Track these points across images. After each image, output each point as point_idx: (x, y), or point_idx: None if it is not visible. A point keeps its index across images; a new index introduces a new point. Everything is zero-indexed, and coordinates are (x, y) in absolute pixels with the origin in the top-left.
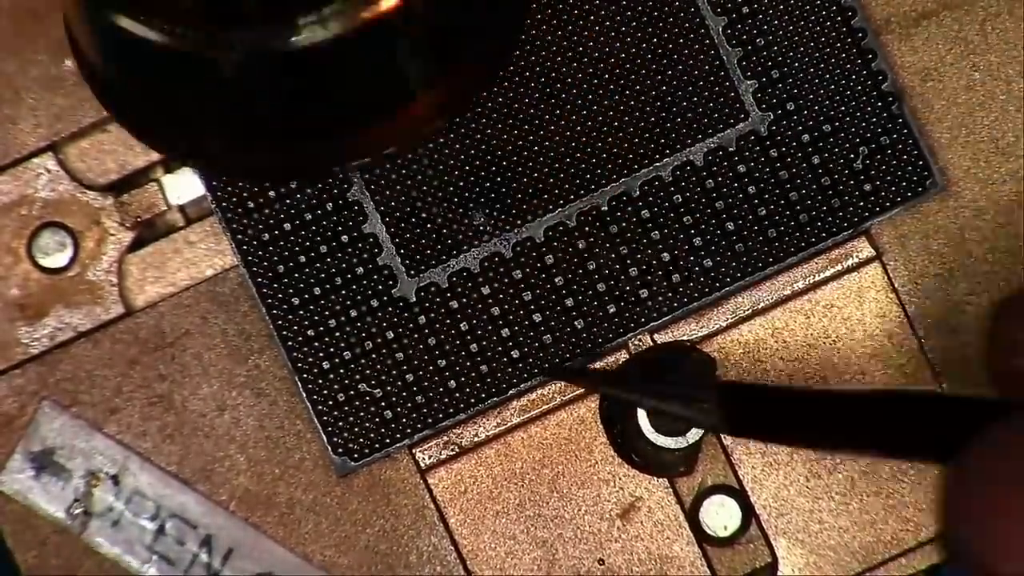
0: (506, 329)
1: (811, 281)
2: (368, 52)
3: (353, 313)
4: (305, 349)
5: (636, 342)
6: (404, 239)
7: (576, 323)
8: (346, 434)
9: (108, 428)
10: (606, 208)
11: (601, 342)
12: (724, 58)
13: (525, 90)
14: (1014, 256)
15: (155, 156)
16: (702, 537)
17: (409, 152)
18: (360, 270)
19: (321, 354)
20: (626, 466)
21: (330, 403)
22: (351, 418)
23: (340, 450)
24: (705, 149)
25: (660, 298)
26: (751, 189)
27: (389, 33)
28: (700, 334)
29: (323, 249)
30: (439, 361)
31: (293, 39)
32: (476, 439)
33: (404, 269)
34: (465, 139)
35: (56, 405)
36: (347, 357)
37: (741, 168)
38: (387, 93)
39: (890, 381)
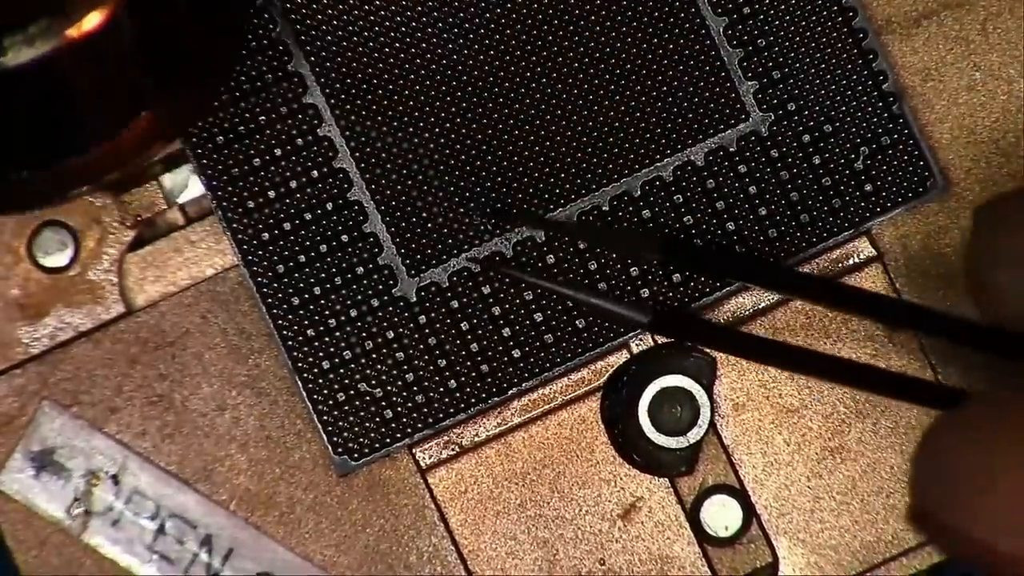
0: (507, 329)
1: None
2: (79, 71)
3: (353, 313)
4: (305, 349)
5: (637, 341)
6: (404, 239)
7: (577, 322)
8: (346, 434)
9: (108, 428)
10: (607, 208)
11: (602, 341)
12: (725, 59)
13: (526, 90)
14: None
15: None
16: (703, 537)
17: (131, 173)
18: (360, 270)
19: (321, 354)
20: (627, 466)
21: (330, 403)
22: (351, 418)
23: (340, 450)
24: (706, 149)
25: (661, 297)
26: (752, 189)
27: (99, 51)
28: None
29: (323, 249)
30: (439, 361)
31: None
32: (477, 439)
33: (404, 269)
34: (466, 139)
35: (56, 405)
36: (347, 357)
37: (742, 168)
38: (103, 114)
39: None
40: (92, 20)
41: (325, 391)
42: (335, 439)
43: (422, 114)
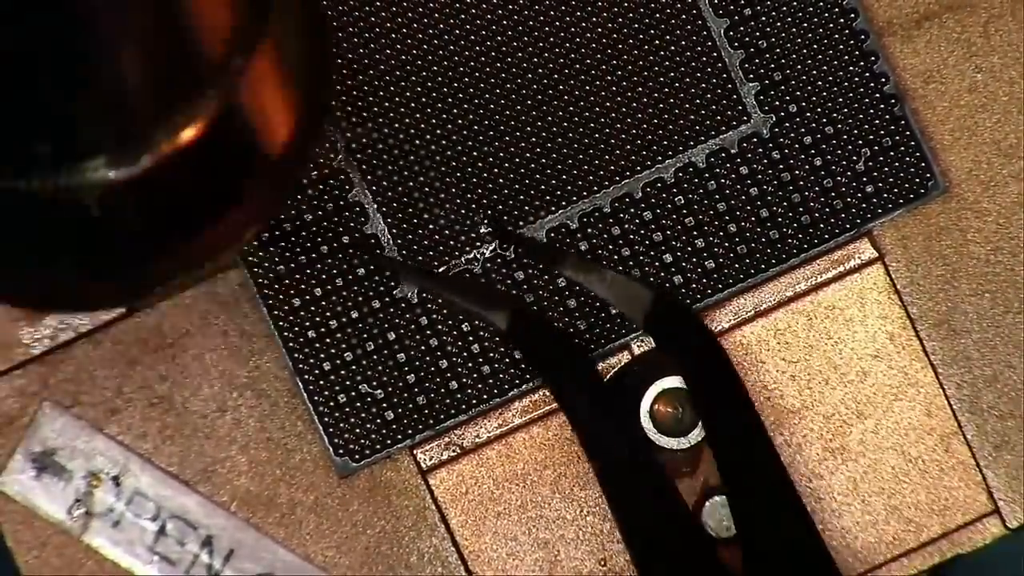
0: None
1: (813, 282)
2: (168, 181)
3: (354, 314)
4: (306, 350)
5: (638, 343)
6: (405, 240)
7: (579, 324)
8: (347, 435)
9: (109, 429)
10: (608, 210)
11: (604, 343)
12: (726, 60)
13: (527, 91)
14: (1016, 258)
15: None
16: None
17: (225, 263)
18: (361, 271)
19: (322, 355)
20: None
21: (331, 404)
22: (352, 419)
23: (341, 451)
24: (707, 151)
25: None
26: (753, 191)
27: (191, 159)
28: None
29: (324, 250)
30: (440, 362)
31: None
32: (478, 440)
33: None
34: (467, 140)
35: (57, 405)
36: (348, 358)
37: (743, 170)
38: (193, 214)
39: (892, 382)
40: (188, 132)
41: (326, 392)
42: (336, 440)
43: (423, 115)
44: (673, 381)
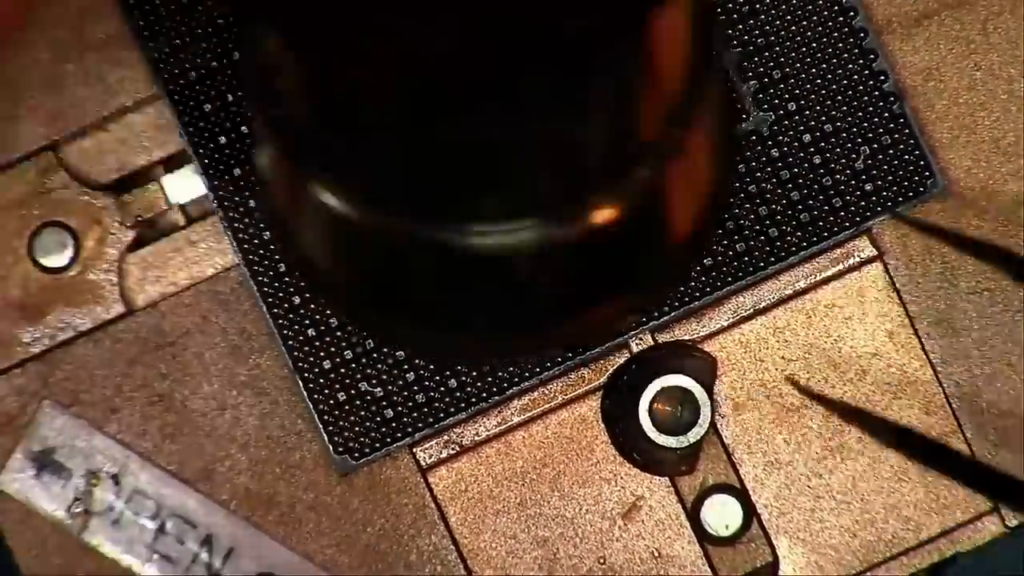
0: None
1: (812, 280)
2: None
3: None
4: (306, 348)
5: (637, 341)
6: None
7: None
8: (347, 433)
9: (108, 427)
10: None
11: (603, 341)
12: (724, 58)
13: None
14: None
15: (155, 155)
16: (703, 536)
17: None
18: None
19: (322, 353)
20: (627, 465)
21: (331, 402)
22: (352, 417)
23: (341, 449)
24: None
25: None
26: (752, 189)
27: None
28: (701, 333)
29: None
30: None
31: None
32: (477, 438)
33: None
34: None
35: (56, 404)
36: (348, 356)
37: (741, 168)
38: (592, 289)
39: (891, 380)
40: (606, 212)
41: (326, 391)
42: (336, 438)
43: None
44: (673, 380)
